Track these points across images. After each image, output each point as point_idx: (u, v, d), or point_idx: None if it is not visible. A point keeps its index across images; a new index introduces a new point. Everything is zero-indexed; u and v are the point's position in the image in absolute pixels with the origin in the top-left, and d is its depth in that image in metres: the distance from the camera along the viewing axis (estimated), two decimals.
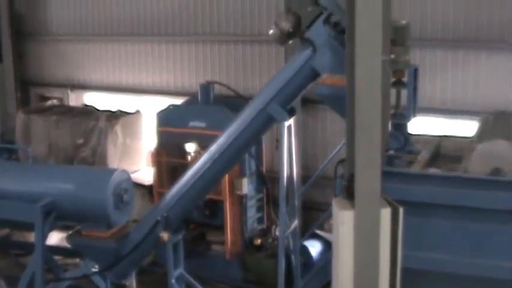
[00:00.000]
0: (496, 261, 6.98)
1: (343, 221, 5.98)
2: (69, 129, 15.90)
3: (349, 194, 6.10)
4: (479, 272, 7.07)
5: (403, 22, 8.34)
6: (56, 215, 9.62)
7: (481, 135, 7.89)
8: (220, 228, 13.01)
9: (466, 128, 9.11)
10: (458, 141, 8.86)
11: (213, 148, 9.48)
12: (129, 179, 9.95)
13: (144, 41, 17.38)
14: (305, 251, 12.72)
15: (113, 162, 15.46)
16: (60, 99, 18.41)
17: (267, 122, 9.22)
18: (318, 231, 12.98)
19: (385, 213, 6.01)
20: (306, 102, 14.70)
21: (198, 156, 10.65)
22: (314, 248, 13.05)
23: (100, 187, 9.47)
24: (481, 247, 7.03)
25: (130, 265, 10.13)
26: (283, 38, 8.82)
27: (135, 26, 17.46)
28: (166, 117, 13.55)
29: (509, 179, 6.92)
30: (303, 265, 11.81)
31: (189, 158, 13.17)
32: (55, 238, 11.96)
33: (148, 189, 14.44)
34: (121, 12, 17.60)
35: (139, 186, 14.03)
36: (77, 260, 11.52)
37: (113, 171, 9.98)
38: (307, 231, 12.89)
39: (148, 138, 15.94)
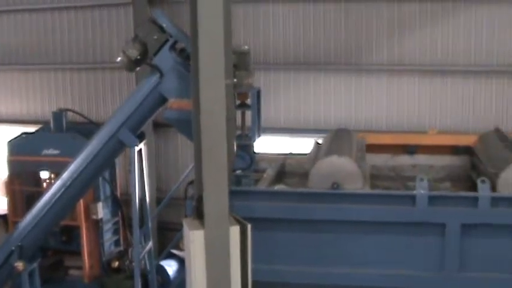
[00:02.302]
0: (340, 268, 7.42)
1: (194, 240, 6.21)
2: None
3: (199, 214, 6.34)
4: (325, 280, 7.48)
5: (245, 48, 8.60)
6: None
7: (321, 152, 8.29)
8: (78, 253, 12.87)
9: (309, 145, 9.50)
10: (302, 158, 9.20)
11: (66, 175, 9.41)
12: None
13: None
14: (162, 270, 12.88)
15: None
16: None
17: (117, 147, 9.25)
18: (174, 251, 13.13)
19: (234, 230, 6.28)
20: (158, 126, 14.94)
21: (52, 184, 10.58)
22: (171, 267, 13.25)
23: None
24: (325, 257, 7.44)
25: None
26: (131, 65, 8.86)
27: None
28: (18, 146, 13.26)
29: (347, 191, 7.37)
30: (160, 284, 11.95)
31: (44, 185, 13.06)
32: None
33: (4, 218, 14.09)
34: None
35: None
36: None
37: None
38: (164, 251, 13.06)
39: (2, 167, 15.56)
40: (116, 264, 13.25)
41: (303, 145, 13.14)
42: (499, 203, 7.13)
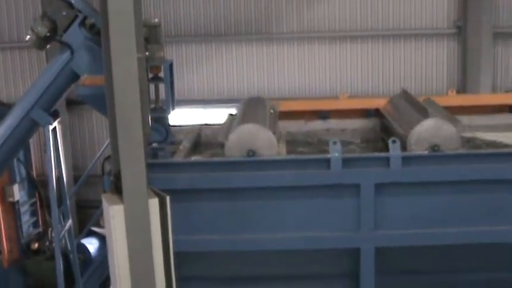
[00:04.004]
0: (260, 234, 7.52)
1: (114, 215, 6.19)
2: None
3: (118, 189, 6.33)
4: (247, 247, 7.59)
5: (156, 20, 8.60)
6: None
7: (235, 120, 8.36)
8: None
9: (223, 115, 9.58)
10: (217, 128, 9.20)
11: None
12: None
13: None
14: (83, 248, 12.82)
15: None
16: None
17: (31, 127, 9.16)
18: (94, 228, 13.09)
19: (153, 203, 6.28)
20: (71, 103, 14.79)
21: None
22: (92, 245, 13.18)
23: None
24: (245, 224, 7.53)
25: None
26: (41, 42, 8.78)
27: None
28: None
29: (262, 158, 7.48)
30: (83, 263, 11.91)
31: None
32: None
33: None
34: None
35: None
36: None
37: None
38: (84, 229, 12.98)
39: None
40: (36, 246, 13.17)
41: (217, 116, 13.22)
42: (409, 161, 7.35)
